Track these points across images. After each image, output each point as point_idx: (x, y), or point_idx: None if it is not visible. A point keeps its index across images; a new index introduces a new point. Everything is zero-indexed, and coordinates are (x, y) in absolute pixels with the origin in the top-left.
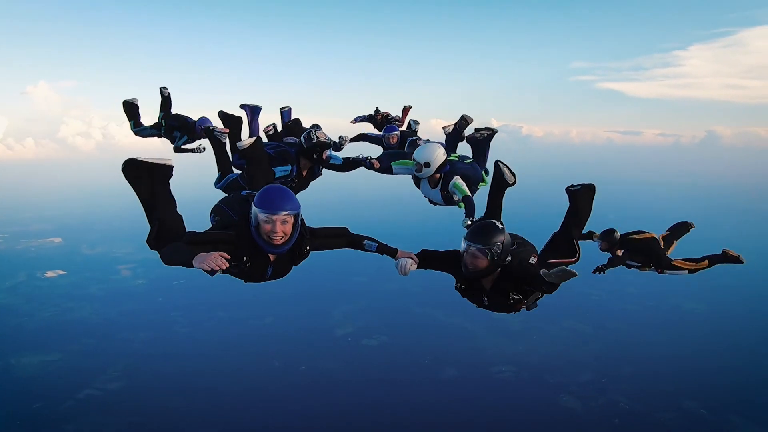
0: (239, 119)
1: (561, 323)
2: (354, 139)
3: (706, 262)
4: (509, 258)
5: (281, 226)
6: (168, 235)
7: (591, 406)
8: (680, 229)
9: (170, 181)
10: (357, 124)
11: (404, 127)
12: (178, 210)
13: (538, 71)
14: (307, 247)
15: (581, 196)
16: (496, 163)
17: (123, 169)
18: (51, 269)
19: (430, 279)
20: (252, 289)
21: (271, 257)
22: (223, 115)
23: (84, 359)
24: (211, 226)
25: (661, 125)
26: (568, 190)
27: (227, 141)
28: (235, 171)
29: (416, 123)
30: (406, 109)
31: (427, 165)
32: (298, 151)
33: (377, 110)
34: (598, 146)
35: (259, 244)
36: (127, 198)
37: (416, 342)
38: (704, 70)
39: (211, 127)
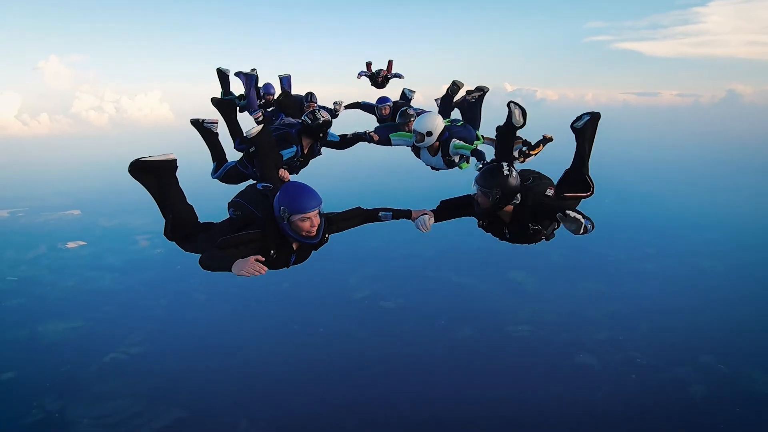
0: (232, 103)
1: (577, 284)
2: (349, 107)
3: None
4: (518, 196)
5: (316, 220)
6: (182, 225)
7: (607, 362)
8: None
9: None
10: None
11: (393, 91)
12: (189, 201)
13: (552, 33)
14: (327, 235)
15: (588, 130)
16: (509, 104)
17: (130, 171)
18: (71, 240)
19: (444, 243)
20: None
21: (295, 246)
22: (216, 102)
23: (107, 325)
24: (230, 218)
25: (679, 85)
26: (573, 127)
27: (218, 131)
28: (230, 161)
29: (411, 92)
30: (390, 63)
31: (429, 134)
32: (300, 130)
33: (379, 71)
34: (614, 108)
35: (290, 238)
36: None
37: (432, 303)
38: (725, 27)
39: (200, 120)
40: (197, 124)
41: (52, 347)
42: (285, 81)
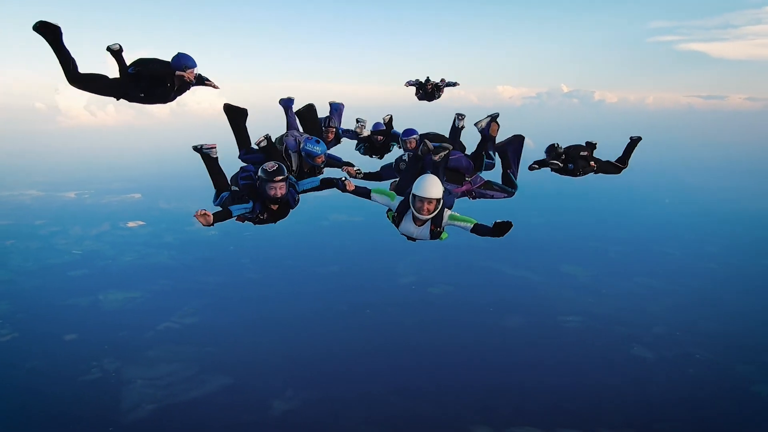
0: (244, 111)
1: (633, 279)
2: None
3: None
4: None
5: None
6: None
7: (664, 356)
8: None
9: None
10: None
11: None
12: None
13: (614, 32)
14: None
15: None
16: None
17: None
18: (132, 220)
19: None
20: (319, 242)
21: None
22: (227, 108)
23: (163, 297)
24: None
25: (748, 89)
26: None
27: (217, 156)
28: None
29: (460, 117)
30: (443, 82)
31: (439, 202)
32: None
33: (428, 79)
34: (676, 112)
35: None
36: (199, 159)
37: (480, 291)
38: None
39: (198, 146)
40: (196, 149)
41: (111, 314)
42: (335, 108)
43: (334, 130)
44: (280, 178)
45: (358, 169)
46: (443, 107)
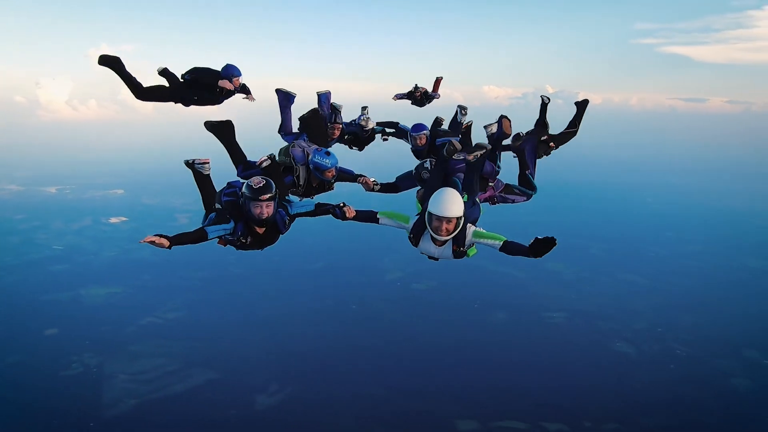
0: (228, 123)
1: (616, 276)
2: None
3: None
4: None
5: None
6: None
7: (645, 351)
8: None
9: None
10: (398, 101)
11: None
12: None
13: (598, 34)
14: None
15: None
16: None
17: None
18: (114, 216)
19: None
20: (304, 238)
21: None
22: (210, 126)
23: (145, 293)
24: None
25: (729, 92)
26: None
27: (209, 173)
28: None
29: (463, 112)
30: (437, 81)
31: (460, 220)
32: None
33: (416, 87)
34: (659, 113)
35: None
36: (183, 155)
37: (465, 288)
38: None
39: (190, 160)
40: (188, 164)
41: (92, 309)
42: (324, 98)
43: (340, 127)
44: (267, 196)
45: (375, 181)
46: (432, 105)
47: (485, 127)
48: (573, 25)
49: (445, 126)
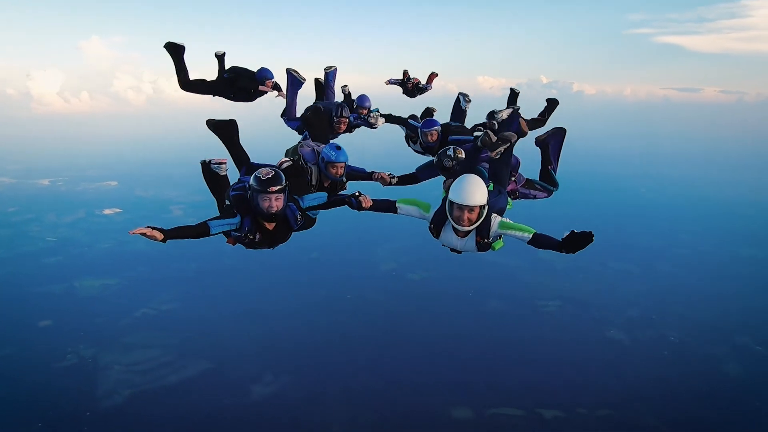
0: (232, 123)
1: (608, 264)
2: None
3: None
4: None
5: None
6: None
7: (639, 338)
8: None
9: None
10: (390, 86)
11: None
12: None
13: (591, 24)
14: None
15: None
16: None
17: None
18: (108, 208)
19: None
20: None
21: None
22: (212, 125)
23: (140, 284)
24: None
25: (723, 82)
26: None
27: (226, 173)
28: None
29: (466, 99)
30: (432, 75)
31: (483, 209)
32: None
33: (405, 73)
34: (653, 104)
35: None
36: (177, 147)
37: (459, 277)
38: None
39: (206, 160)
40: (204, 165)
41: (86, 301)
42: (330, 76)
43: (347, 121)
44: (277, 188)
45: (391, 174)
46: (426, 95)
47: (494, 113)
48: (566, 16)
49: (444, 115)
